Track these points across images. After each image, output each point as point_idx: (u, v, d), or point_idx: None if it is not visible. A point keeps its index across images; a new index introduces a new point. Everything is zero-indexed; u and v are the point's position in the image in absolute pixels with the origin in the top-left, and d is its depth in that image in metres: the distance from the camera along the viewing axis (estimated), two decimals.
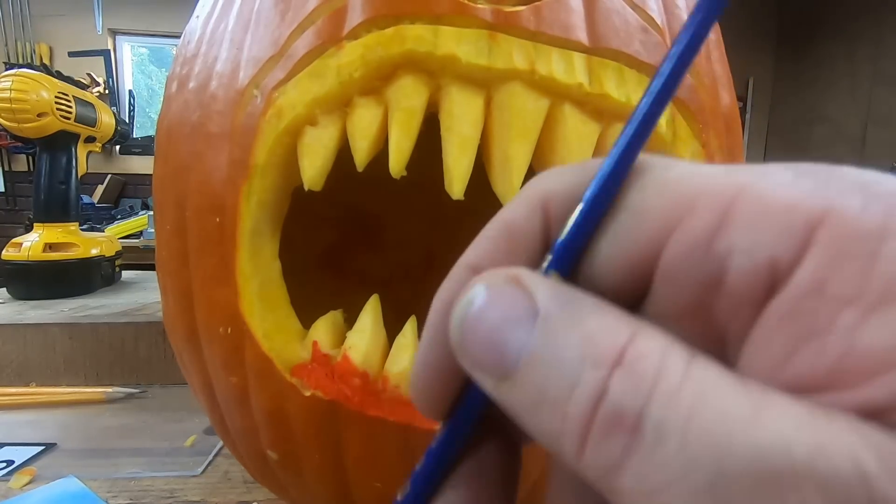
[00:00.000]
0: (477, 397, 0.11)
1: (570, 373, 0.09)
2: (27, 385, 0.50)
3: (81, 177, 0.70)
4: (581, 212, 0.10)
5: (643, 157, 0.11)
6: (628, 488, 0.08)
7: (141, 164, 2.65)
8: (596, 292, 0.10)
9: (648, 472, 0.08)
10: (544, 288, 0.10)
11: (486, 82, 0.21)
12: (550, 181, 0.12)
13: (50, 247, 0.64)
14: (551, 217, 0.11)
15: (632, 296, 0.10)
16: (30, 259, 0.62)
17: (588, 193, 0.10)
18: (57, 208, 0.66)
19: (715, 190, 0.09)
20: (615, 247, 0.10)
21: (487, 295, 0.10)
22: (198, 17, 0.28)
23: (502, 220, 0.12)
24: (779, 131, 2.93)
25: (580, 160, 0.21)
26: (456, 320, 0.10)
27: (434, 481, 0.12)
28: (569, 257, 0.11)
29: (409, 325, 0.23)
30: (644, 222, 0.10)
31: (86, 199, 2.24)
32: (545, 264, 0.11)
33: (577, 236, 0.10)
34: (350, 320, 0.24)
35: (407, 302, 0.29)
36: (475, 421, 0.11)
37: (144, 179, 2.66)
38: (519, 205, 0.12)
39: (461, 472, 0.12)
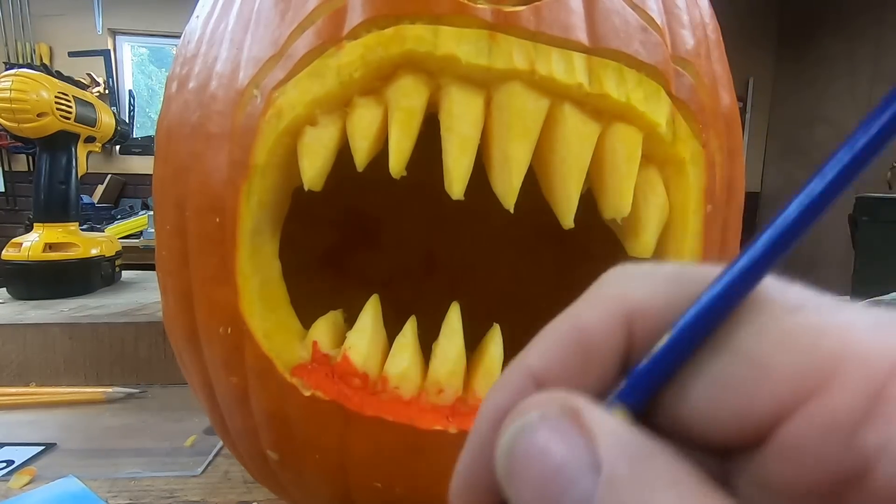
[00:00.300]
0: None
1: None
2: (27, 385, 0.50)
3: (81, 177, 0.70)
4: (669, 342, 0.09)
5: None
6: None
7: (141, 164, 2.65)
8: (673, 435, 0.09)
9: None
10: (608, 434, 0.08)
11: (486, 82, 0.21)
12: (639, 290, 0.10)
13: (50, 247, 0.64)
14: (635, 335, 0.10)
15: (724, 446, 0.09)
16: (30, 259, 0.62)
17: (682, 322, 0.09)
18: (57, 208, 0.66)
19: (862, 359, 0.08)
20: (716, 393, 0.09)
21: (541, 428, 0.09)
22: (198, 17, 0.28)
23: (577, 324, 0.10)
24: (779, 131, 2.93)
25: (579, 160, 0.21)
26: (503, 448, 0.09)
27: None
28: (646, 391, 0.09)
29: (409, 325, 0.23)
30: (764, 379, 0.08)
31: (86, 199, 2.24)
32: (617, 390, 0.09)
33: (661, 370, 0.09)
34: (350, 320, 0.24)
35: (407, 302, 0.29)
36: None
37: (144, 179, 2.65)
38: (600, 311, 0.10)
39: None
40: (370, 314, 0.23)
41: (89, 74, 2.54)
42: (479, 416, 0.11)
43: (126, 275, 0.78)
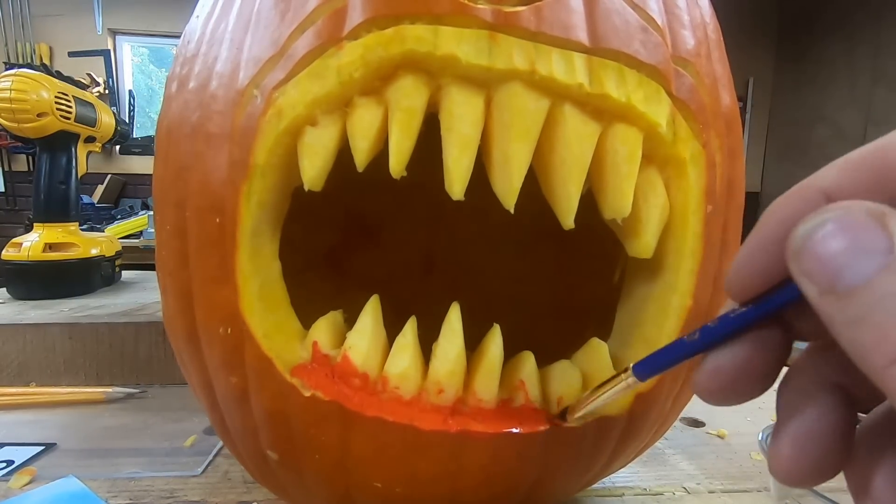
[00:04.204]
0: (785, 299, 0.12)
1: None
2: (27, 385, 0.50)
3: (81, 177, 0.70)
4: None
5: None
6: None
7: (141, 164, 2.65)
8: None
9: None
10: None
11: (486, 82, 0.21)
12: None
13: (50, 247, 0.64)
14: None
15: None
16: (30, 259, 0.62)
17: None
18: (57, 208, 0.66)
19: None
20: None
21: (842, 222, 0.10)
22: (198, 17, 0.28)
23: (881, 146, 0.11)
24: (779, 131, 2.92)
25: (579, 161, 0.21)
26: (800, 235, 0.11)
27: (721, 340, 0.14)
28: None
29: (409, 326, 0.23)
30: None
31: (86, 199, 2.24)
32: None
33: None
34: (350, 320, 0.24)
35: (407, 302, 0.29)
36: (774, 313, 0.13)
37: (144, 179, 2.66)
38: None
39: (741, 339, 0.13)
40: (370, 314, 0.23)
41: (89, 74, 2.54)
42: (764, 217, 0.13)
43: (126, 275, 0.78)
